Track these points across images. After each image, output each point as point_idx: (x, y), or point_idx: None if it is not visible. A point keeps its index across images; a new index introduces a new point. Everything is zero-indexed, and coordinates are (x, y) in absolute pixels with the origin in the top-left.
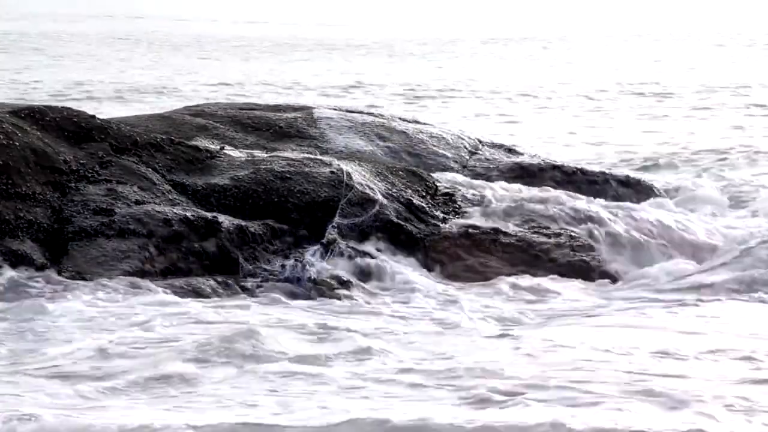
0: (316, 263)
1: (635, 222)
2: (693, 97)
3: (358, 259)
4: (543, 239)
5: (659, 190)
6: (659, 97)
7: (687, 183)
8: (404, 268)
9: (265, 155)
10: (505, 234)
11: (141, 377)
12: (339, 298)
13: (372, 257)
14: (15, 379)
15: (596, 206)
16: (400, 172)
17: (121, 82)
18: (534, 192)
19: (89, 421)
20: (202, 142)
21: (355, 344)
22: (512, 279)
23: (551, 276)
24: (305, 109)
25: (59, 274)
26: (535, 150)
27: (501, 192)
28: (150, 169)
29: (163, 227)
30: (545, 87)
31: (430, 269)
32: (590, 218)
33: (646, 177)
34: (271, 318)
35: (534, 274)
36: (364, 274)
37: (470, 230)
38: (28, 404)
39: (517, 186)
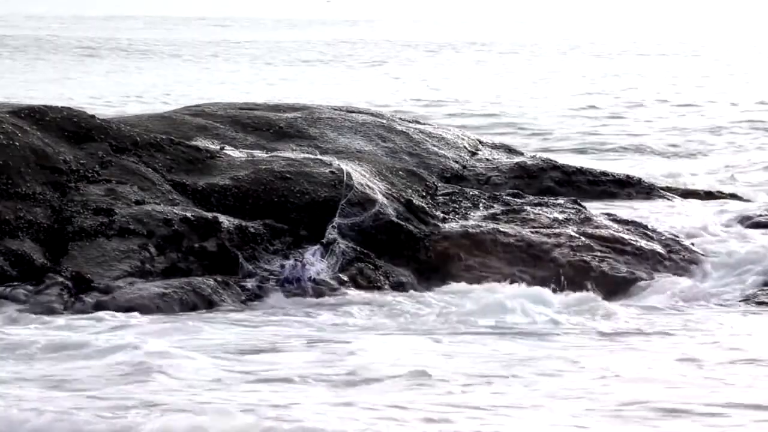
0: (316, 263)
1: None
2: None
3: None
4: (543, 239)
5: (660, 189)
6: None
7: None
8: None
9: (265, 155)
10: (505, 234)
11: None
12: (337, 299)
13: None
14: None
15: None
16: (400, 172)
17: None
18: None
19: None
20: (202, 142)
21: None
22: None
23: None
24: (305, 109)
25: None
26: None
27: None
28: (150, 169)
29: (163, 227)
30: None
31: (430, 269)
32: (589, 219)
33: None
34: None
35: (534, 275)
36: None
37: (470, 230)
38: None
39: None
